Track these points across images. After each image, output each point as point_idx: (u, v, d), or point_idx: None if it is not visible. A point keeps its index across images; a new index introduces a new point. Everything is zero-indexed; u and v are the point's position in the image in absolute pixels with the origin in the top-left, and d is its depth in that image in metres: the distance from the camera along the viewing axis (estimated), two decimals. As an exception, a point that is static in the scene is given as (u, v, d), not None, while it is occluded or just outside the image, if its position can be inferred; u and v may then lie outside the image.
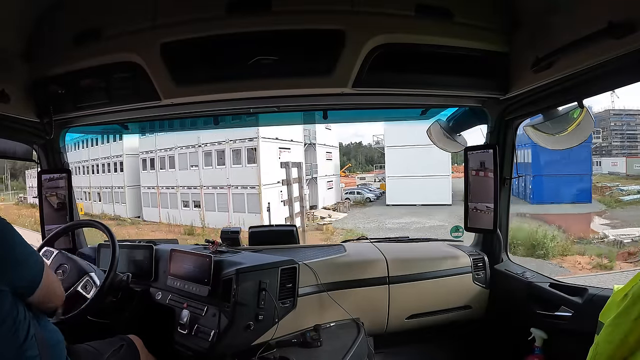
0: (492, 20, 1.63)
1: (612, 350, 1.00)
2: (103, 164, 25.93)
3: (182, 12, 1.54)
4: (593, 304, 1.59)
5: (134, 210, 23.81)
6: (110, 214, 24.25)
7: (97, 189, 26.63)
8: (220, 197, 19.77)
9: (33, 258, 1.13)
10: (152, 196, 22.89)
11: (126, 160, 24.14)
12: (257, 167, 18.57)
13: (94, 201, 26.62)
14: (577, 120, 1.62)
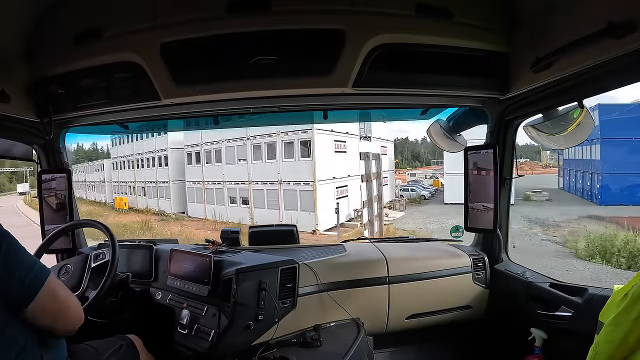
0: (492, 20, 1.63)
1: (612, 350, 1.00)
2: (147, 159, 25.45)
3: (182, 12, 1.54)
4: (593, 303, 1.60)
5: (179, 206, 23.15)
6: (154, 209, 24.05)
7: (141, 184, 26.13)
8: (270, 193, 18.46)
9: (29, 267, 1.03)
10: (197, 191, 21.97)
11: (171, 154, 23.52)
12: (311, 162, 16.81)
13: (138, 196, 26.36)
14: (577, 120, 1.62)
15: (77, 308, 1.17)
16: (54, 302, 1.08)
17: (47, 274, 1.07)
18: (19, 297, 1.01)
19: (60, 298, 1.10)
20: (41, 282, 1.04)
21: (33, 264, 1.05)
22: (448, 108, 2.24)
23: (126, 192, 27.92)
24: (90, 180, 35.37)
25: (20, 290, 1.01)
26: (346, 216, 17.48)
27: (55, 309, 1.09)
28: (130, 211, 25.30)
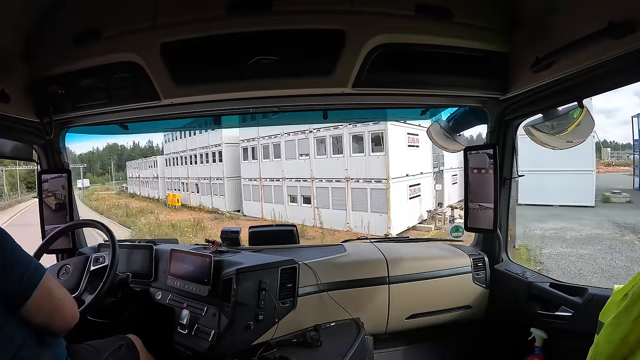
0: (492, 20, 1.63)
1: (613, 350, 1.00)
2: (201, 154, 24.49)
3: (182, 12, 1.54)
4: (593, 303, 1.60)
5: (234, 204, 22.04)
6: (207, 207, 23.22)
7: (194, 180, 25.39)
8: (336, 192, 16.50)
9: (26, 265, 1.04)
10: (253, 189, 20.62)
11: (225, 149, 22.32)
12: (384, 156, 14.68)
13: (191, 192, 25.63)
14: (577, 120, 1.62)
15: (73, 306, 1.18)
16: (50, 300, 1.09)
17: (42, 272, 1.08)
18: (16, 295, 1.02)
19: (56, 296, 1.11)
20: (37, 280, 1.05)
21: (29, 262, 1.06)
22: (448, 108, 2.24)
23: (179, 188, 27.48)
24: (144, 177, 35.34)
25: (17, 287, 1.02)
26: (418, 218, 16.07)
27: (51, 307, 1.09)
28: (182, 208, 24.76)
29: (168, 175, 29.39)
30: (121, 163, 62.85)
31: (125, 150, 70.40)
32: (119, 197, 36.31)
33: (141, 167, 36.61)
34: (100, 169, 66.30)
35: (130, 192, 38.56)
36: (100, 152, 70.61)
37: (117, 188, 47.39)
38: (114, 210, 25.02)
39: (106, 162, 67.82)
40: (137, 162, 40.08)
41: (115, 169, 62.96)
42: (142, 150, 63.65)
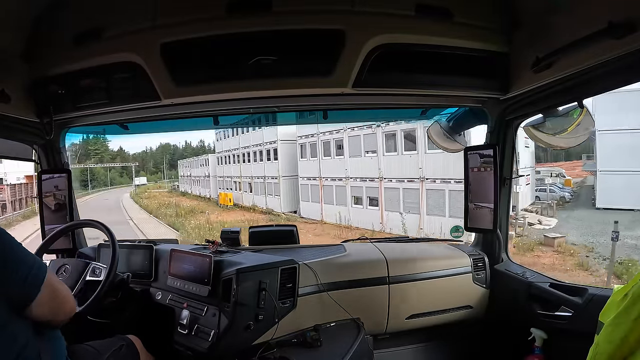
0: (492, 20, 1.63)
1: (613, 350, 1.00)
2: (254, 152, 23.31)
3: (182, 12, 1.54)
4: (593, 304, 1.60)
5: (290, 204, 20.53)
6: (261, 207, 22.06)
7: (247, 179, 24.32)
8: (408, 193, 14.57)
9: (29, 266, 1.04)
10: (312, 189, 19.02)
11: (281, 146, 20.79)
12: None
13: (244, 192, 24.58)
14: (577, 120, 1.62)
15: (72, 299, 1.23)
16: (54, 297, 1.10)
17: (45, 270, 1.08)
18: (21, 296, 1.02)
19: (60, 294, 1.14)
20: (41, 280, 1.05)
21: (33, 262, 1.06)
22: (448, 108, 2.24)
23: (231, 187, 26.44)
24: (195, 175, 34.80)
25: (22, 289, 1.02)
26: None
27: (56, 304, 1.12)
28: (235, 208, 23.94)
29: (220, 173, 28.54)
30: (173, 162, 63.28)
31: (178, 149, 70.96)
32: (170, 195, 35.88)
33: (193, 166, 36.12)
34: (153, 168, 67.37)
35: (181, 191, 38.24)
36: (154, 151, 71.78)
37: (168, 186, 47.55)
38: (164, 210, 24.27)
39: (159, 160, 68.81)
40: (188, 160, 39.65)
41: (167, 167, 63.97)
42: (193, 150, 64.31)
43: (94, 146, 61.95)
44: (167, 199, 31.67)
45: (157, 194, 38.10)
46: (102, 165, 55.96)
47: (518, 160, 2.12)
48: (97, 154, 61.09)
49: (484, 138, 2.14)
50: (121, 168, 61.90)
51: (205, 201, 28.80)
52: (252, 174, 23.62)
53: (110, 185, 57.35)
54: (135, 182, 51.22)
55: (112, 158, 61.28)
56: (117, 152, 66.73)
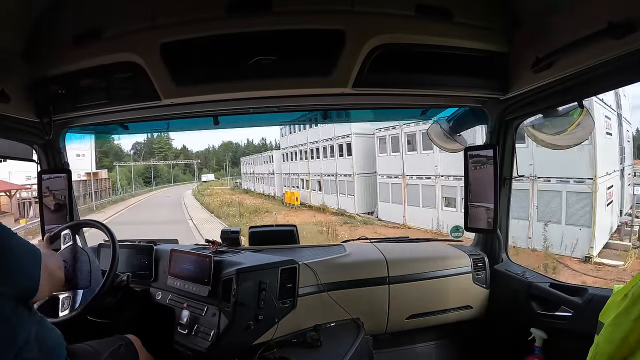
0: (492, 20, 1.63)
1: (613, 350, 1.00)
2: (324, 147, 21.43)
3: (182, 12, 1.54)
4: (593, 304, 1.60)
5: (365, 205, 18.47)
6: (332, 207, 20.17)
7: (316, 177, 22.35)
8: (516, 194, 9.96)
9: (29, 257, 1.07)
10: (394, 188, 16.54)
11: (355, 141, 18.78)
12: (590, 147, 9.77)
13: (312, 190, 22.63)
14: (577, 120, 1.62)
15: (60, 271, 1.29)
16: (53, 277, 1.19)
17: (40, 256, 1.10)
18: (27, 288, 1.05)
19: (57, 275, 1.23)
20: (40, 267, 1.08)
21: (32, 252, 1.09)
22: (448, 108, 2.24)
23: (297, 185, 24.73)
24: (258, 173, 34.19)
25: (27, 280, 1.05)
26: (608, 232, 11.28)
27: (55, 282, 1.22)
28: (302, 207, 22.22)
29: (285, 171, 27.05)
30: (235, 159, 65.53)
31: (240, 147, 73.14)
32: (233, 193, 35.67)
33: (256, 163, 35.69)
34: (216, 165, 69.35)
35: (244, 188, 38.16)
36: (216, 149, 73.78)
37: (231, 183, 47.84)
38: (226, 209, 22.92)
39: (221, 158, 70.62)
40: (251, 157, 39.02)
41: (229, 165, 65.80)
42: (255, 147, 66.13)
43: (158, 145, 64.09)
44: (230, 196, 30.94)
45: (219, 191, 37.69)
46: (165, 163, 58.07)
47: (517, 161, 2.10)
48: (161, 151, 63.63)
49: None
50: (184, 165, 63.62)
51: (269, 200, 27.83)
52: (322, 171, 21.70)
53: (174, 182, 58.81)
54: (203, 178, 52.63)
55: (176, 156, 63.40)
56: (181, 150, 69.30)
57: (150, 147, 63.34)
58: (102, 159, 51.12)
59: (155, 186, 52.51)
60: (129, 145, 65.83)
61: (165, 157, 60.56)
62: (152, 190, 47.58)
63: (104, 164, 47.04)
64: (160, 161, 57.89)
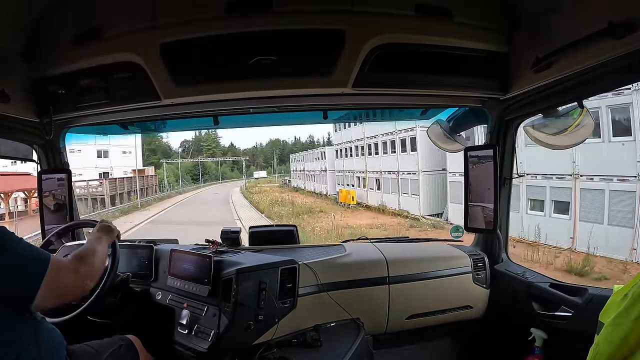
0: (492, 20, 1.63)
1: (613, 350, 1.00)
2: (384, 142, 19.51)
3: (182, 12, 1.54)
4: (593, 304, 1.60)
5: (432, 205, 16.44)
6: (392, 208, 18.26)
7: (375, 174, 20.33)
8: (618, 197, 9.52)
9: (27, 262, 1.03)
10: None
11: (421, 134, 16.32)
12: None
13: (369, 189, 20.54)
14: (577, 120, 1.62)
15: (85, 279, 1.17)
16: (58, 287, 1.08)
17: (46, 264, 1.05)
18: (22, 294, 1.01)
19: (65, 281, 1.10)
20: (41, 275, 1.03)
21: (31, 258, 1.04)
22: (448, 108, 2.24)
23: (353, 183, 22.72)
24: (309, 170, 32.62)
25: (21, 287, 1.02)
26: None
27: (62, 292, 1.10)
28: (358, 207, 20.34)
29: (339, 168, 25.17)
30: (283, 157, 66.10)
31: (287, 144, 73.19)
32: (282, 190, 34.23)
33: (306, 160, 33.95)
34: (264, 163, 69.74)
35: (293, 186, 36.46)
36: (263, 147, 74.27)
37: (279, 181, 47.11)
38: (277, 208, 21.38)
39: (269, 155, 70.82)
40: (301, 154, 37.42)
41: (277, 162, 65.99)
42: (302, 145, 66.20)
43: (206, 142, 64.88)
44: (279, 194, 29.57)
45: (268, 189, 36.37)
46: (213, 160, 58.14)
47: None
48: (209, 149, 64.25)
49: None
50: (232, 163, 64.13)
51: (321, 198, 26.04)
52: (381, 168, 19.58)
53: (221, 179, 58.90)
54: (254, 175, 52.64)
55: (224, 153, 63.94)
56: (229, 147, 70.00)
57: (198, 145, 63.68)
58: (150, 156, 51.13)
59: (203, 183, 52.38)
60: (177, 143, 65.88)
61: (213, 155, 60.84)
62: (200, 187, 47.16)
63: (152, 161, 47.01)
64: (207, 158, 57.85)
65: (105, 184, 25.06)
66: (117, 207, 24.05)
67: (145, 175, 34.39)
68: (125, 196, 26.77)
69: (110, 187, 25.30)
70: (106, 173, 30.19)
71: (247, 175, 53.64)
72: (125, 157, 32.38)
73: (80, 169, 28.26)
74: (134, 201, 26.46)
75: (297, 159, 37.87)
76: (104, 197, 24.08)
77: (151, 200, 29.61)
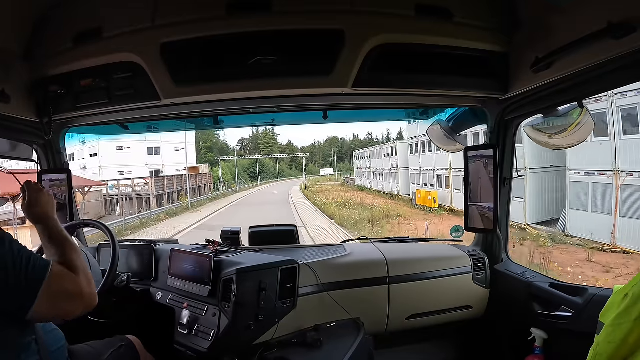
0: (492, 20, 1.63)
1: (613, 351, 1.00)
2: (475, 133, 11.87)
3: (182, 12, 1.54)
4: (593, 304, 1.59)
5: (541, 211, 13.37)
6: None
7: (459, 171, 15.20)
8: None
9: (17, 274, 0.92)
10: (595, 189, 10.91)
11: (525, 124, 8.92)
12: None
13: (454, 190, 17.62)
14: (577, 120, 1.62)
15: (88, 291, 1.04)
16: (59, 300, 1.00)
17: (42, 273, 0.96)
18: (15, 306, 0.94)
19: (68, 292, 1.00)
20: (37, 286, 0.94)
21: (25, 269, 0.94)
22: (448, 108, 2.24)
23: (432, 183, 19.83)
24: (376, 167, 29.93)
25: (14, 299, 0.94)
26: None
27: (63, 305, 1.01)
28: (440, 211, 17.51)
29: (414, 165, 22.29)
30: (341, 155, 66.62)
31: (345, 142, 72.91)
32: (345, 190, 31.51)
33: (373, 156, 31.33)
34: (322, 160, 69.73)
35: (357, 185, 33.25)
36: (321, 144, 74.12)
37: (337, 178, 45.94)
38: (347, 211, 17.99)
39: (327, 153, 70.80)
40: (367, 150, 34.94)
41: (335, 160, 65.90)
42: (361, 142, 65.64)
43: (264, 140, 64.86)
44: (343, 194, 26.99)
45: (330, 188, 33.77)
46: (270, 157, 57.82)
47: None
48: (267, 147, 64.14)
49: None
50: (290, 160, 64.14)
51: (393, 199, 23.31)
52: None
53: (279, 177, 58.47)
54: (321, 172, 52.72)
55: (281, 151, 63.77)
56: (286, 145, 69.85)
57: (255, 143, 63.31)
58: (207, 154, 50.73)
59: (261, 181, 51.78)
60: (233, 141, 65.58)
61: (270, 152, 60.39)
62: (257, 185, 46.18)
63: (208, 159, 46.57)
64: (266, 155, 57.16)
65: (151, 183, 23.33)
66: (163, 209, 21.66)
67: (199, 173, 32.89)
68: (174, 196, 24.96)
69: (158, 186, 23.49)
70: (157, 171, 29.16)
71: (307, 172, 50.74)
72: (178, 154, 31.32)
73: (130, 167, 27.53)
74: (183, 201, 24.26)
75: (362, 156, 34.76)
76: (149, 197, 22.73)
77: (204, 200, 27.72)
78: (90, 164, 28.47)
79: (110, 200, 23.10)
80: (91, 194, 20.22)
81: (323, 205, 21.39)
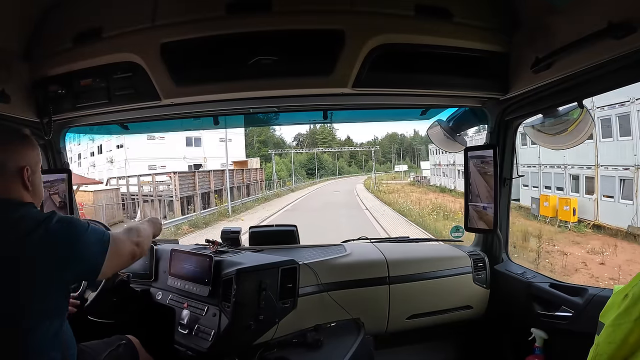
0: (492, 20, 1.63)
1: (613, 351, 1.00)
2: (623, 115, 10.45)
3: (182, 12, 1.54)
4: (593, 304, 1.59)
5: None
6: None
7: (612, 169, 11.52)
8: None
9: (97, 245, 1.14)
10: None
11: None
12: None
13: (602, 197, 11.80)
14: (577, 121, 1.62)
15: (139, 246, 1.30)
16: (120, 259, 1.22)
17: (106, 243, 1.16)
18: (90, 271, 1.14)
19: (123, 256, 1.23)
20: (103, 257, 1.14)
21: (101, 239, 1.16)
22: (448, 108, 2.24)
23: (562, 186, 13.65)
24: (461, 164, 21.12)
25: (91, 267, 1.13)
26: None
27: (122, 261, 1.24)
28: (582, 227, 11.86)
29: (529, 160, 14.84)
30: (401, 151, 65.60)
31: (405, 138, 71.55)
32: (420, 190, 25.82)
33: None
34: (382, 157, 68.11)
35: (435, 185, 27.83)
36: (381, 141, 72.45)
37: (401, 176, 43.47)
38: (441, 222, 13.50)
39: (386, 150, 69.23)
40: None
41: (395, 157, 65.17)
42: (422, 139, 64.02)
43: (322, 135, 63.10)
44: (421, 195, 21.65)
45: (398, 187, 28.99)
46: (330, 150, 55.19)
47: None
48: (325, 142, 62.05)
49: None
50: (349, 156, 62.34)
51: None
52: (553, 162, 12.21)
53: (339, 174, 56.31)
54: (396, 168, 49.92)
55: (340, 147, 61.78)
56: (345, 140, 67.76)
57: (313, 138, 61.45)
58: (261, 148, 48.94)
59: (319, 178, 49.03)
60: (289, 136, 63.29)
61: (329, 148, 57.38)
62: (315, 183, 42.67)
63: (262, 154, 44.18)
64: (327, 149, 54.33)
65: (175, 179, 17.18)
66: (188, 216, 15.33)
67: (248, 168, 26.86)
68: (208, 197, 19.21)
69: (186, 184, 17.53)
70: (198, 165, 24.58)
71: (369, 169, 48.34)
72: (223, 146, 25.24)
73: (164, 160, 23.52)
74: (219, 205, 18.52)
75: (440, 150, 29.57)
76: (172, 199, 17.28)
77: (250, 203, 21.69)
78: (117, 157, 25.14)
79: (132, 201, 18.07)
80: (102, 193, 16.59)
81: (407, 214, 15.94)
